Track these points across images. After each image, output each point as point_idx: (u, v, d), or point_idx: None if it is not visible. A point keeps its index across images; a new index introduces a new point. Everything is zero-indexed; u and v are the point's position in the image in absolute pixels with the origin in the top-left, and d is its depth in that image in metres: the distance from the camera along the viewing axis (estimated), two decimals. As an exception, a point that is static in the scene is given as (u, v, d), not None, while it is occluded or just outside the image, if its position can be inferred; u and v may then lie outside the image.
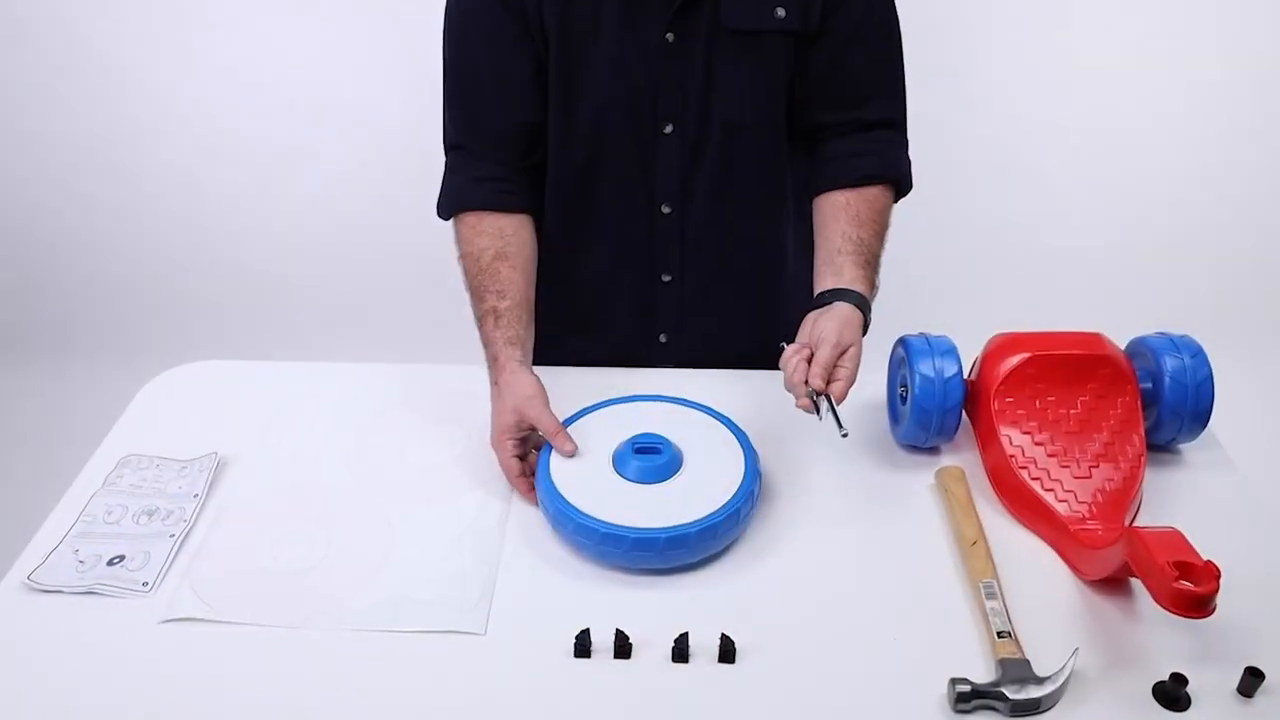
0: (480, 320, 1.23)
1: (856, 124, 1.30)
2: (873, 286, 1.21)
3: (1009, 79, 2.85)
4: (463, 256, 1.27)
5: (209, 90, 2.85)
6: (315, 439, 1.25)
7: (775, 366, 1.14)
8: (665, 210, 1.32)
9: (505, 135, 1.29)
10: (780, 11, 1.22)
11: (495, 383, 1.19)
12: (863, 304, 1.17)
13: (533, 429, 1.15)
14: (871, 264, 1.22)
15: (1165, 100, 2.87)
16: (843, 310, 1.14)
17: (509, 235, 1.27)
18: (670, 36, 1.23)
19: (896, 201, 1.32)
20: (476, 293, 1.24)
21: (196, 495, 1.14)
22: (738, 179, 1.32)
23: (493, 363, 1.20)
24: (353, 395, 1.33)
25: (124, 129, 2.91)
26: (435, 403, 1.31)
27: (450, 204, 1.30)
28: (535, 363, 1.47)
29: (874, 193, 1.27)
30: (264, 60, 2.82)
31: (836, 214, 1.26)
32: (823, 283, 1.20)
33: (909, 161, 1.33)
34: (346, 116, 2.90)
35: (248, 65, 2.83)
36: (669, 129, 1.28)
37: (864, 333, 1.17)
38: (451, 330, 3.05)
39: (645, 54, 1.23)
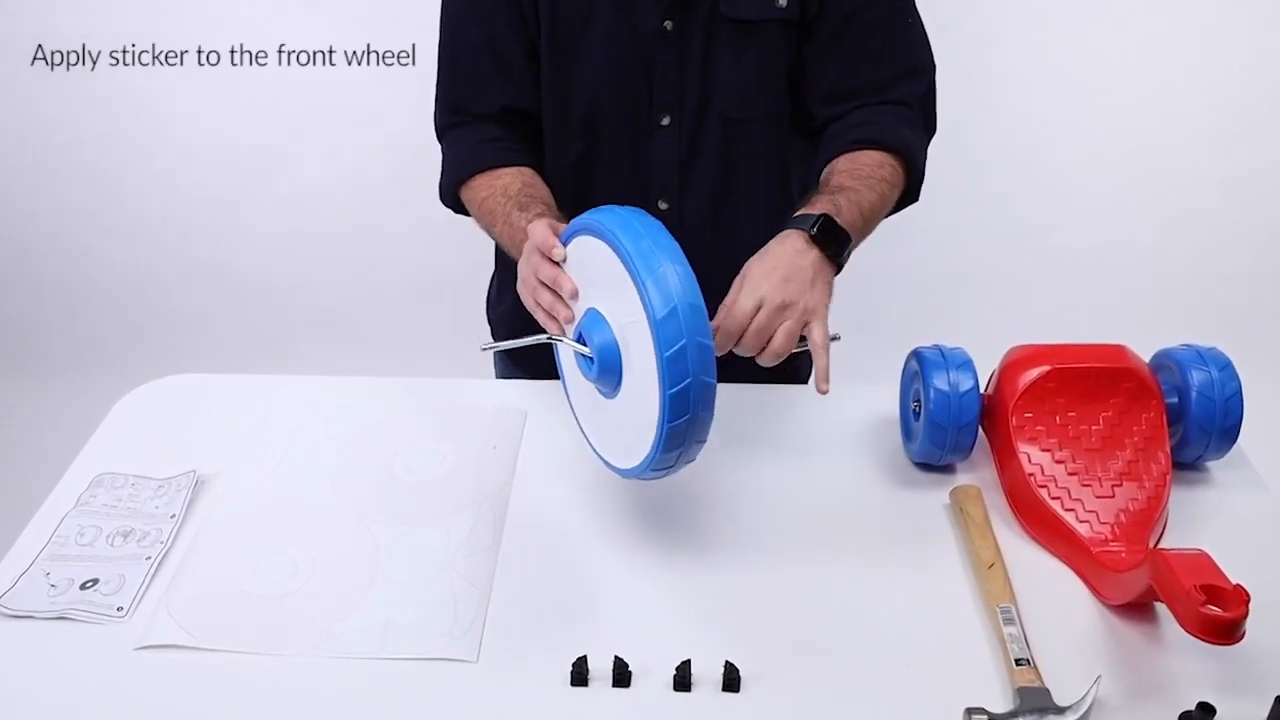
0: (530, 225, 1.16)
1: (861, 108, 1.29)
2: (837, 208, 1.14)
3: (1025, 77, 2.86)
4: (485, 200, 1.27)
5: (190, 88, 2.86)
6: (298, 456, 1.25)
7: (780, 376, 1.14)
8: (663, 207, 1.33)
9: (500, 115, 1.31)
10: (782, 1, 1.23)
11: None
12: (817, 221, 1.11)
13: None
14: (836, 194, 1.17)
15: (1190, 100, 2.88)
16: (769, 253, 1.09)
17: (529, 175, 1.28)
18: (668, 24, 1.24)
19: (913, 186, 1.29)
20: (517, 207, 1.22)
21: (174, 515, 1.14)
22: (739, 175, 1.33)
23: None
24: (338, 410, 1.33)
25: (100, 128, 2.93)
26: (425, 417, 1.31)
27: (456, 174, 1.31)
28: (528, 369, 1.47)
29: (864, 152, 1.23)
30: (248, 58, 2.83)
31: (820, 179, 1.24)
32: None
33: (919, 143, 1.29)
34: (336, 117, 2.91)
35: (231, 63, 2.84)
36: (666, 121, 1.29)
37: (832, 251, 1.11)
38: (442, 341, 3.05)
39: (641, 42, 1.25)
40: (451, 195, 1.34)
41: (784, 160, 1.35)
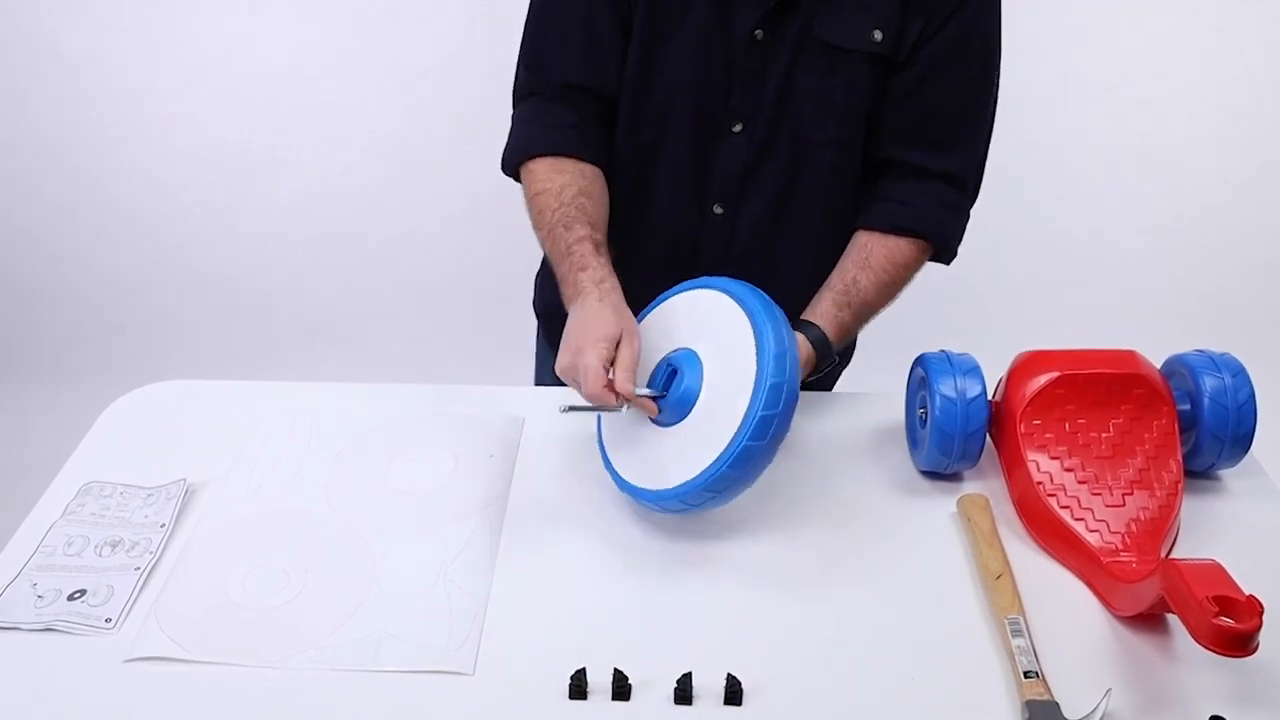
0: (569, 248, 1.21)
1: (918, 170, 1.32)
2: (842, 329, 1.28)
3: (1033, 77, 2.86)
4: (538, 194, 1.29)
5: (179, 89, 2.87)
6: (291, 464, 1.25)
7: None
8: (717, 211, 1.35)
9: (580, 91, 1.33)
10: (877, 34, 1.24)
11: (595, 294, 1.16)
12: (818, 339, 1.25)
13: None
14: (854, 308, 1.28)
15: (1202, 99, 2.89)
16: None
17: (589, 179, 1.30)
18: (759, 34, 1.25)
19: (942, 261, 1.36)
20: (561, 223, 1.24)
21: (163, 525, 1.15)
22: (800, 193, 1.34)
23: (596, 283, 1.17)
24: (331, 417, 1.33)
25: (86, 129, 2.93)
26: (419, 425, 1.31)
27: (522, 149, 1.33)
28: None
29: (899, 244, 1.31)
30: (239, 58, 2.84)
31: (851, 252, 1.32)
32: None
33: (958, 226, 1.35)
34: (328, 117, 2.92)
35: (222, 62, 2.85)
36: (738, 128, 1.30)
37: (814, 369, 1.25)
38: (438, 347, 3.05)
39: (730, 45, 1.27)
40: (513, 169, 1.35)
41: (851, 189, 1.36)
